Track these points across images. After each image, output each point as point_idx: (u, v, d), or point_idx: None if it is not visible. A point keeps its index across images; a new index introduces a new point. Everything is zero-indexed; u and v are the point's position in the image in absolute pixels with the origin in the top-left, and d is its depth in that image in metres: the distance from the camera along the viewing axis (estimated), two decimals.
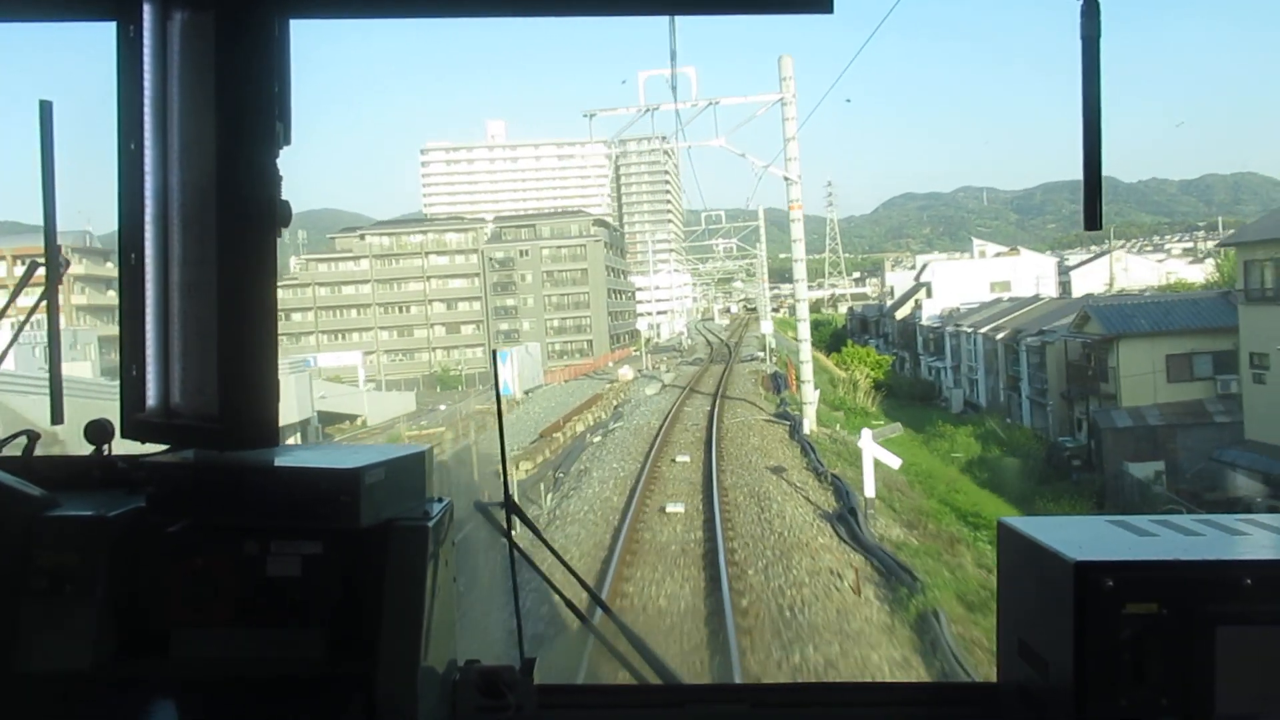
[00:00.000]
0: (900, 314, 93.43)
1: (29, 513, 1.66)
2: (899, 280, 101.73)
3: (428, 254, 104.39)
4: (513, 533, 1.92)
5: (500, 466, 2.10)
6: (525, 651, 1.82)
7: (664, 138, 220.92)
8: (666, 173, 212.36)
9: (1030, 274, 76.16)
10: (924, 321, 77.67)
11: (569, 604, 2.06)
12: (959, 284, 76.26)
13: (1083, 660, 1.45)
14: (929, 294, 79.01)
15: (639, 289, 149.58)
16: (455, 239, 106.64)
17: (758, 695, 1.92)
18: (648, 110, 25.85)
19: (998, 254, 78.91)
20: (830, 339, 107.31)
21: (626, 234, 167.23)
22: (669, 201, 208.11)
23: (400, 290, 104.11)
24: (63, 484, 1.82)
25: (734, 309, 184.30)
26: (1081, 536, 1.63)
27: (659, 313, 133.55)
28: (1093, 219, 1.62)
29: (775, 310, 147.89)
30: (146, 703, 1.60)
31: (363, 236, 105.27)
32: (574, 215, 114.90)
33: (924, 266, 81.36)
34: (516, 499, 1.97)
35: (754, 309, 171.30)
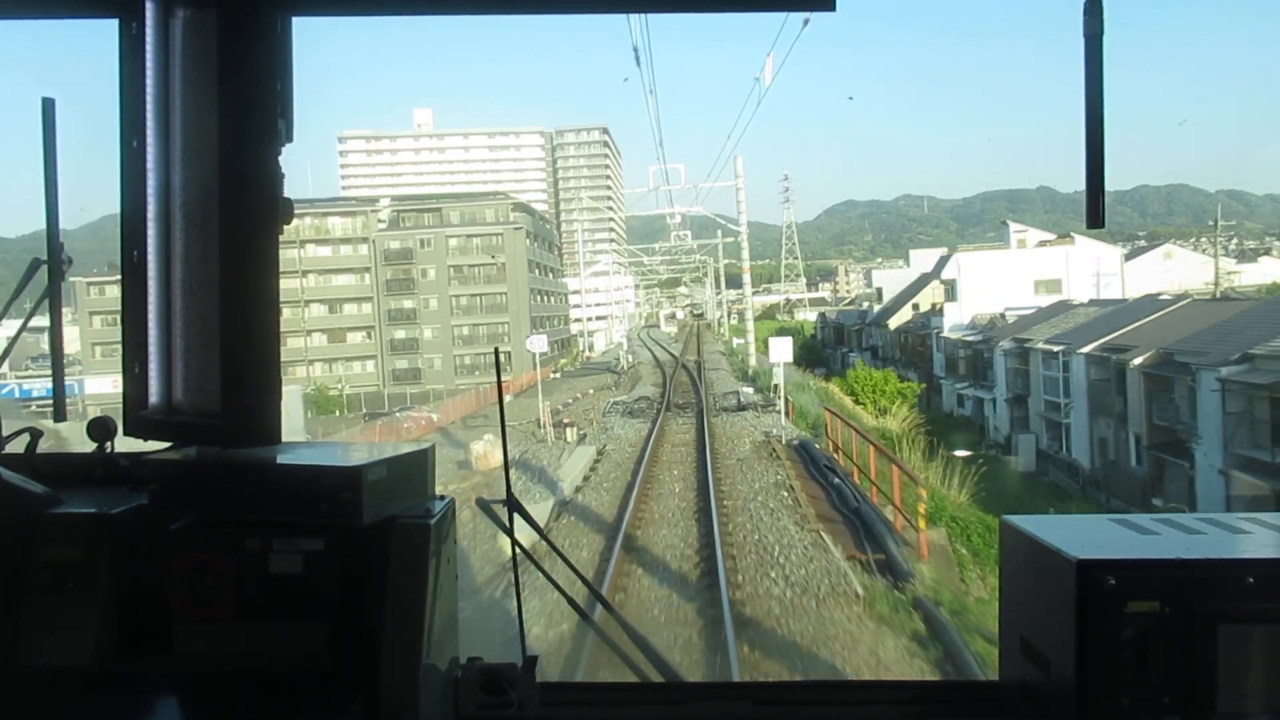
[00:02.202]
0: (896, 321, 71.58)
1: (32, 510, 1.64)
2: (889, 280, 79.52)
3: (304, 242, 79.22)
4: (514, 531, 1.80)
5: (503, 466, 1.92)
6: (527, 649, 1.75)
7: (604, 129, 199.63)
8: (607, 168, 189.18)
9: (1088, 269, 54.30)
10: (946, 332, 55.37)
11: (571, 602, 2.02)
12: (995, 282, 54.19)
13: (1085, 658, 1.42)
14: (951, 295, 56.67)
15: (574, 292, 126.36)
16: (340, 224, 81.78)
17: (760, 693, 1.86)
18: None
19: (1042, 243, 56.98)
20: (803, 353, 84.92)
21: (564, 233, 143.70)
22: (610, 197, 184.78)
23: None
24: (65, 481, 1.78)
25: (680, 314, 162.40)
26: (1084, 535, 1.60)
27: (596, 318, 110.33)
28: (1095, 216, 1.55)
29: (726, 317, 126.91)
30: (149, 698, 1.56)
31: None
32: (489, 198, 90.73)
33: (943, 259, 58.92)
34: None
35: (701, 314, 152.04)
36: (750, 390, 31.07)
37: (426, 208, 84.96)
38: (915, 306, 71.34)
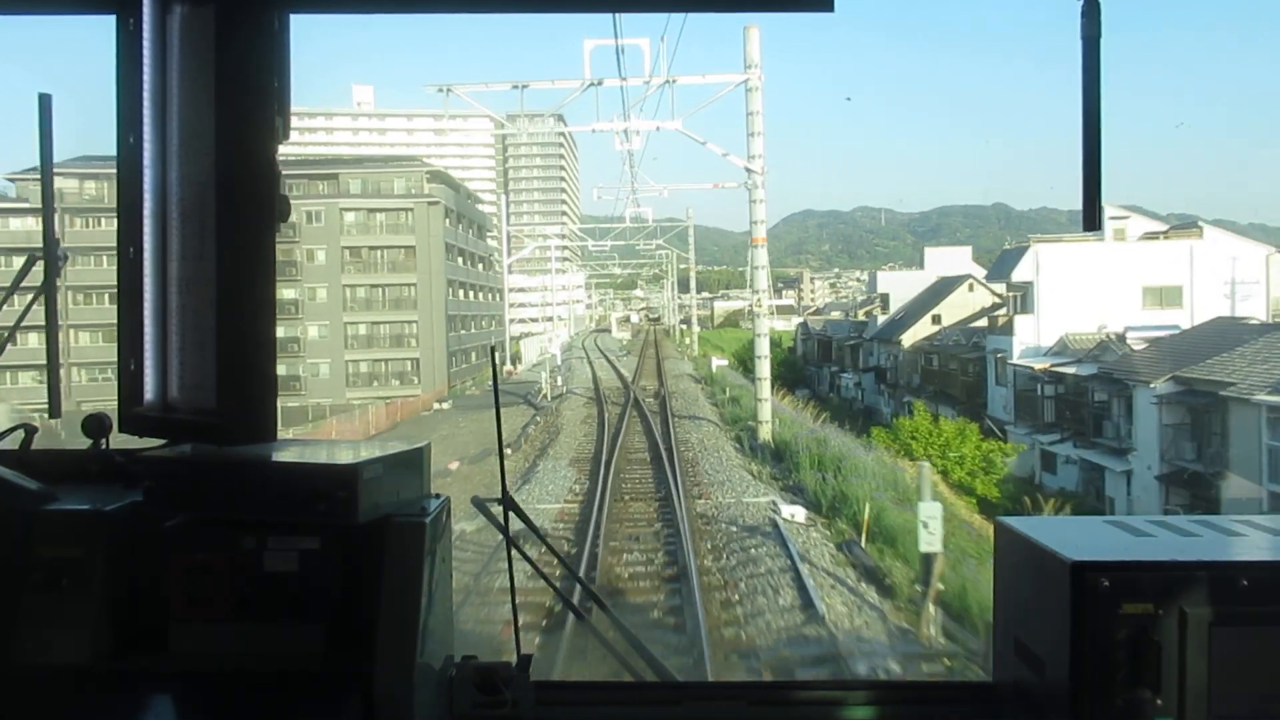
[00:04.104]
0: (912, 337, 53.55)
1: (26, 506, 1.60)
2: (899, 283, 61.32)
3: None
4: (510, 530, 1.72)
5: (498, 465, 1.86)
6: (522, 648, 1.71)
7: (559, 116, 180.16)
8: (562, 158, 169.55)
9: (1219, 271, 36.63)
10: (1017, 358, 37.27)
11: (566, 601, 1.92)
12: (1090, 286, 36.30)
13: (1079, 660, 1.40)
14: (1020, 306, 38.56)
15: (521, 289, 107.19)
16: None
17: (754, 693, 1.81)
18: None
19: (1148, 235, 39.13)
20: (782, 369, 66.39)
21: (513, 225, 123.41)
22: (564, 189, 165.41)
23: (113, 266, 57.94)
24: (60, 478, 1.74)
25: (634, 318, 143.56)
26: (1079, 537, 1.56)
27: (543, 319, 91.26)
28: (1091, 220, 1.54)
29: (684, 323, 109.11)
30: (144, 697, 1.51)
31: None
32: (400, 164, 70.84)
33: (1009, 254, 40.54)
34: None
35: (658, 318, 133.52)
36: (801, 514, 12.00)
37: (318, 173, 64.74)
38: (936, 319, 53.50)
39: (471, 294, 72.25)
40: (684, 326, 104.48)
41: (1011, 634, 1.64)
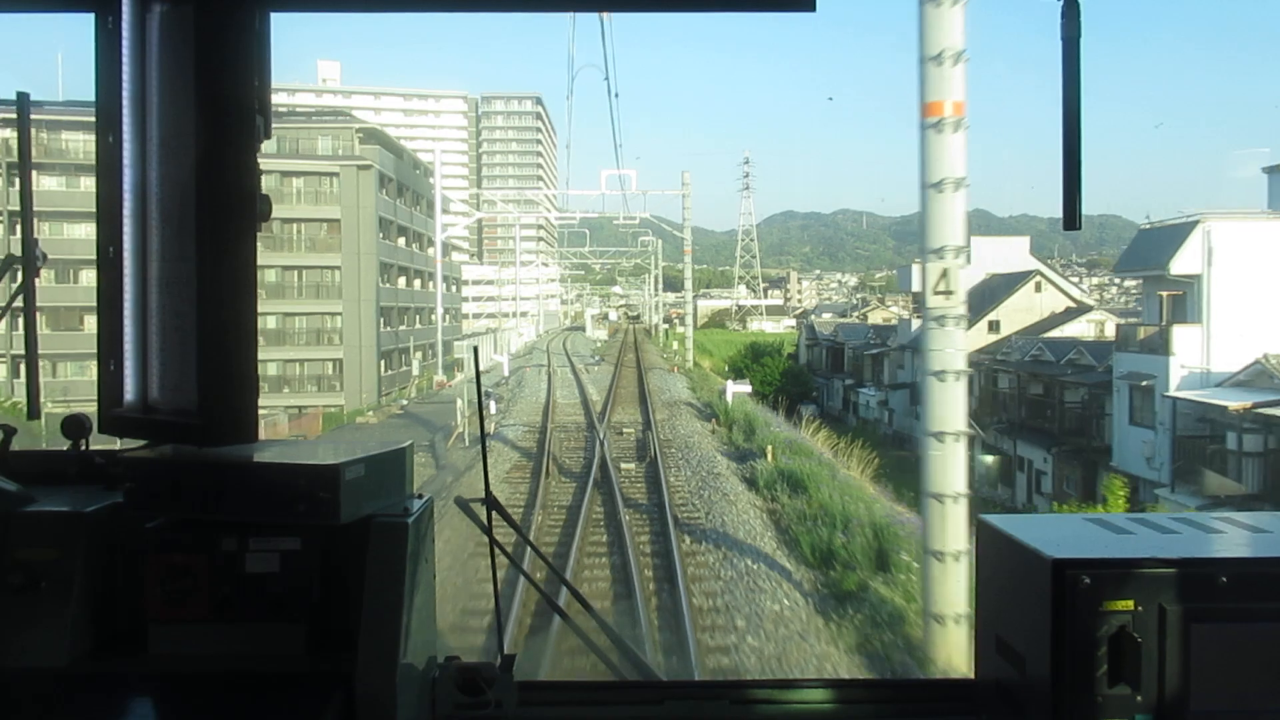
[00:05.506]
0: None
1: (5, 508, 1.58)
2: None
3: (37, 168, 44.19)
4: (493, 530, 1.69)
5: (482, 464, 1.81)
6: (505, 648, 1.68)
7: (538, 99, 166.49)
8: (540, 143, 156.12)
9: None
10: (1176, 388, 24.46)
11: (549, 600, 1.95)
12: (1256, 276, 23.45)
13: (1060, 657, 1.39)
14: (1180, 310, 25.66)
15: (490, 281, 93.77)
16: (81, 143, 47.46)
17: (737, 691, 1.80)
18: None
19: None
20: (786, 381, 53.76)
21: (485, 213, 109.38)
22: (540, 176, 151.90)
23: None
24: (39, 479, 1.72)
25: (613, 316, 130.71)
26: (1060, 534, 1.56)
27: (503, 314, 78.29)
28: (1072, 219, 1.52)
29: (667, 323, 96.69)
30: (124, 699, 1.48)
31: None
32: (325, 118, 57.35)
33: (1155, 235, 27.66)
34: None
35: (637, 316, 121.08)
36: None
37: None
38: (994, 325, 41.17)
39: (418, 282, 58.92)
40: (667, 326, 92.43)
41: (993, 631, 1.61)
